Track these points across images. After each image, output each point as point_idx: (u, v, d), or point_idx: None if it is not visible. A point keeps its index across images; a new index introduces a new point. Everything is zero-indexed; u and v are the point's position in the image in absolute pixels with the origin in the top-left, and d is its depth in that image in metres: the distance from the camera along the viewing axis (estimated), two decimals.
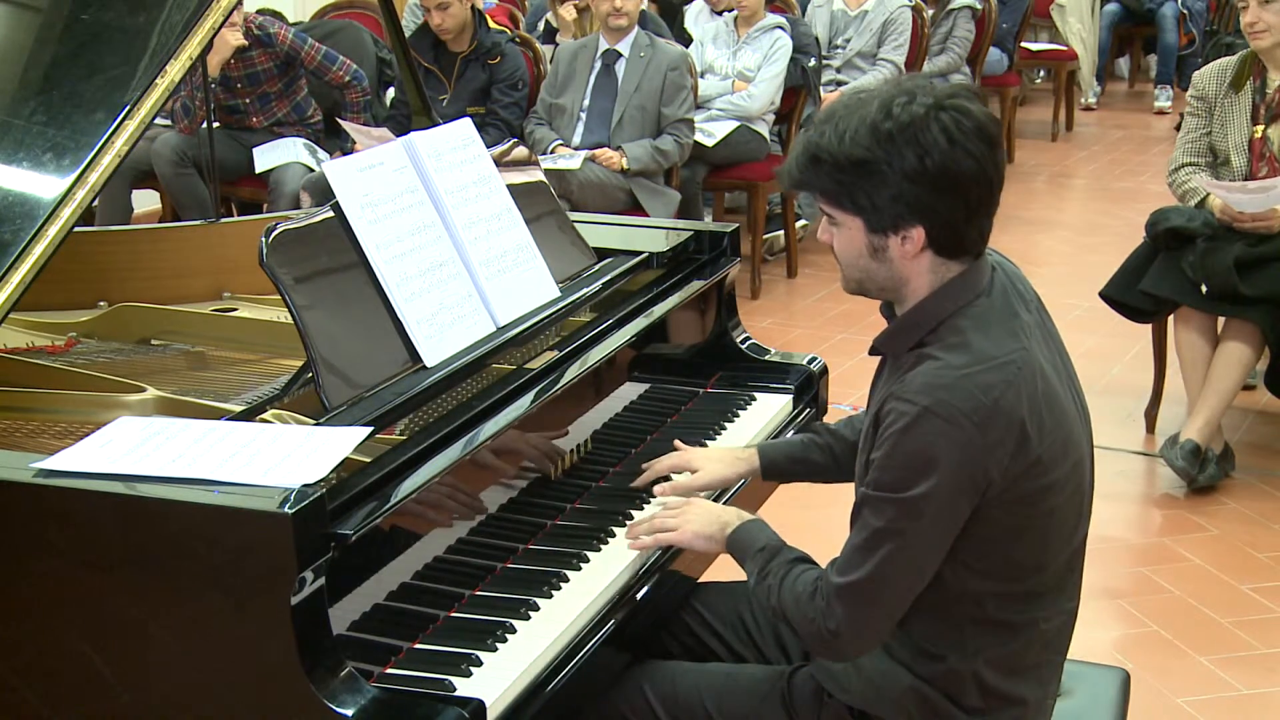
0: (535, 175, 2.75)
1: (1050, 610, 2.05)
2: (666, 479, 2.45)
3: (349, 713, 1.73)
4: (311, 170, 5.70)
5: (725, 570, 2.41)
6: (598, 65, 5.85)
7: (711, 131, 6.17)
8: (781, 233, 6.76)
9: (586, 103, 5.85)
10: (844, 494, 2.33)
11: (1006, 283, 2.02)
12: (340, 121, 5.73)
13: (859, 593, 1.94)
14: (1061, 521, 2.00)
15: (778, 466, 2.46)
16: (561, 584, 2.15)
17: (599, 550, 2.27)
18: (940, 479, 1.87)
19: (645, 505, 2.43)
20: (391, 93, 6.21)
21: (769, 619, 2.29)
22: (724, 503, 2.47)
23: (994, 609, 2.00)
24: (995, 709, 2.04)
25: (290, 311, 2.12)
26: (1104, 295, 4.62)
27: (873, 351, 2.08)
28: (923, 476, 1.87)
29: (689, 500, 2.31)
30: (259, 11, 5.95)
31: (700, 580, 2.46)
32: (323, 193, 4.81)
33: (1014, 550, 1.97)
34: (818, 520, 3.94)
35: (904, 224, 1.92)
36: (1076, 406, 2.04)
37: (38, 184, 2.20)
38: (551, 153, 5.70)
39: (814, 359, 3.02)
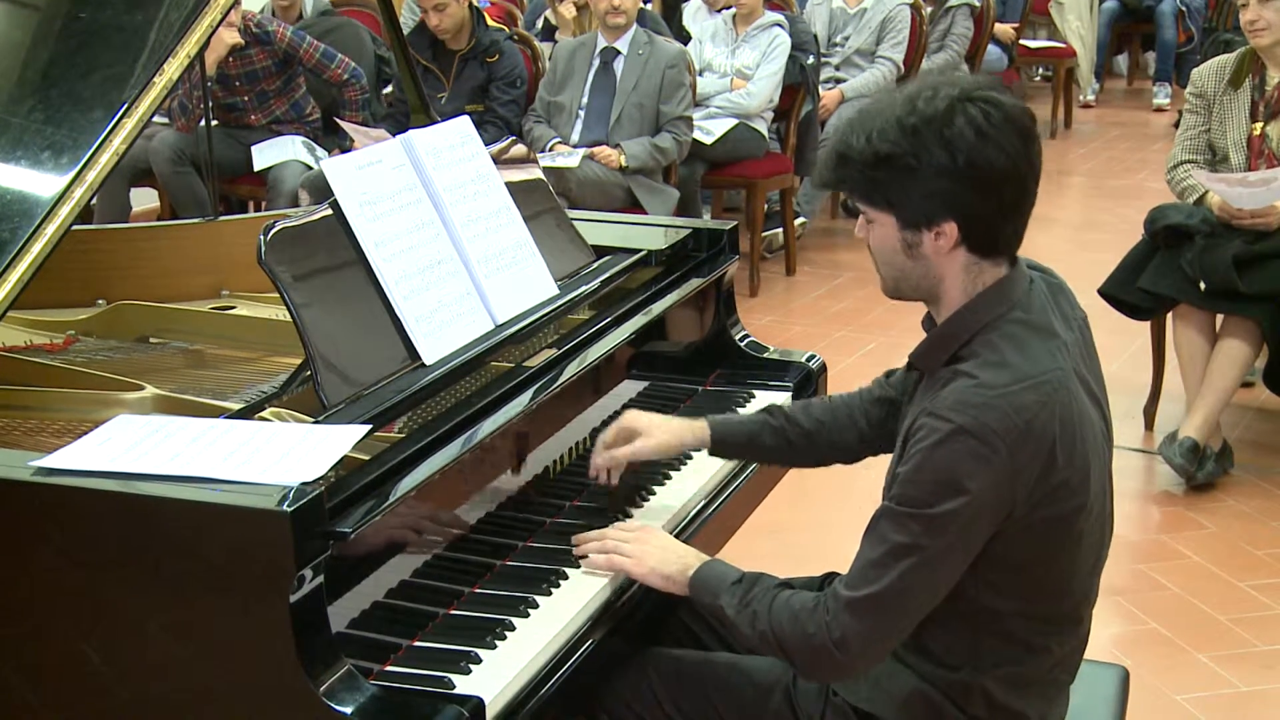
0: (533, 173, 2.74)
1: (1067, 635, 2.05)
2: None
3: (348, 710, 1.73)
4: (310, 168, 5.70)
5: None
6: (596, 63, 5.85)
7: (710, 129, 6.17)
8: (780, 230, 6.76)
9: (585, 100, 5.85)
10: (844, 494, 2.35)
11: (1046, 298, 2.00)
12: (338, 121, 5.73)
13: (871, 607, 1.91)
14: (1088, 548, 2.00)
15: (727, 443, 2.42)
16: (560, 581, 2.15)
17: None
18: (967, 498, 1.85)
19: (644, 502, 2.44)
20: (390, 90, 6.22)
21: (755, 647, 2.16)
22: (735, 489, 2.45)
23: (1015, 627, 1.99)
24: None
25: (289, 309, 2.12)
26: (1102, 292, 4.61)
27: (909, 367, 2.07)
28: (950, 494, 1.85)
29: (646, 528, 2.24)
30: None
31: None
32: (321, 191, 4.80)
33: (1040, 574, 1.97)
34: (817, 519, 3.95)
35: (936, 219, 1.90)
36: (1104, 434, 2.03)
37: (36, 182, 2.20)
38: (550, 150, 5.69)
39: (813, 356, 3.01)
